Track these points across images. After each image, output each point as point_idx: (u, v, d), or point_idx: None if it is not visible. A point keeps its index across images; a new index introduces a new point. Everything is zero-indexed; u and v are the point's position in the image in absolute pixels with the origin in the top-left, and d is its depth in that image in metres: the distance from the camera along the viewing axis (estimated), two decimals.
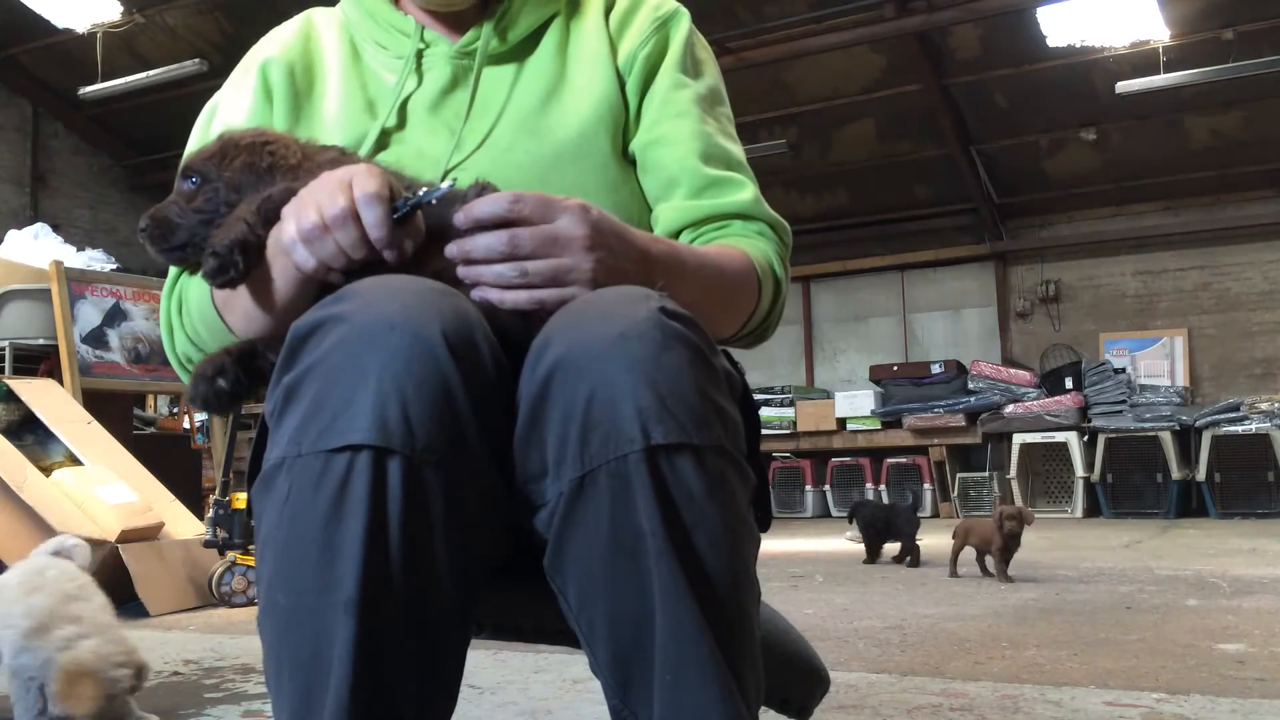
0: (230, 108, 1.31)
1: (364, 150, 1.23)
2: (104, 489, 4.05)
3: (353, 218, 0.96)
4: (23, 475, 3.93)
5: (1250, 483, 8.01)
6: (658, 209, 1.27)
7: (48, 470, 4.15)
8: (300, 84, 1.30)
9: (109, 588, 2.17)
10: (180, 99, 9.32)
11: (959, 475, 9.02)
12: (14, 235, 6.28)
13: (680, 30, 1.32)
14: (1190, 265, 9.72)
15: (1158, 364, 9.57)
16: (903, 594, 4.07)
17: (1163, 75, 8.17)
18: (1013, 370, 9.39)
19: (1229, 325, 9.55)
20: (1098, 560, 5.14)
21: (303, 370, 0.89)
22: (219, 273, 1.01)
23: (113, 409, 5.11)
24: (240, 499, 3.95)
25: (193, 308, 1.19)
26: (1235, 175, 9.35)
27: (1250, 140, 9.04)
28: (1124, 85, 8.27)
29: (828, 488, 9.39)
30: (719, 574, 0.87)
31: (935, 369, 9.45)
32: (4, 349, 5.26)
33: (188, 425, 6.97)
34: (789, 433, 9.65)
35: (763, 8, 8.58)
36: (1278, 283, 9.43)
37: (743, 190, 1.26)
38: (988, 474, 8.92)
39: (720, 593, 0.87)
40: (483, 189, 1.01)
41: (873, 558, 5.23)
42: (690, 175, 1.25)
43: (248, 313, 1.08)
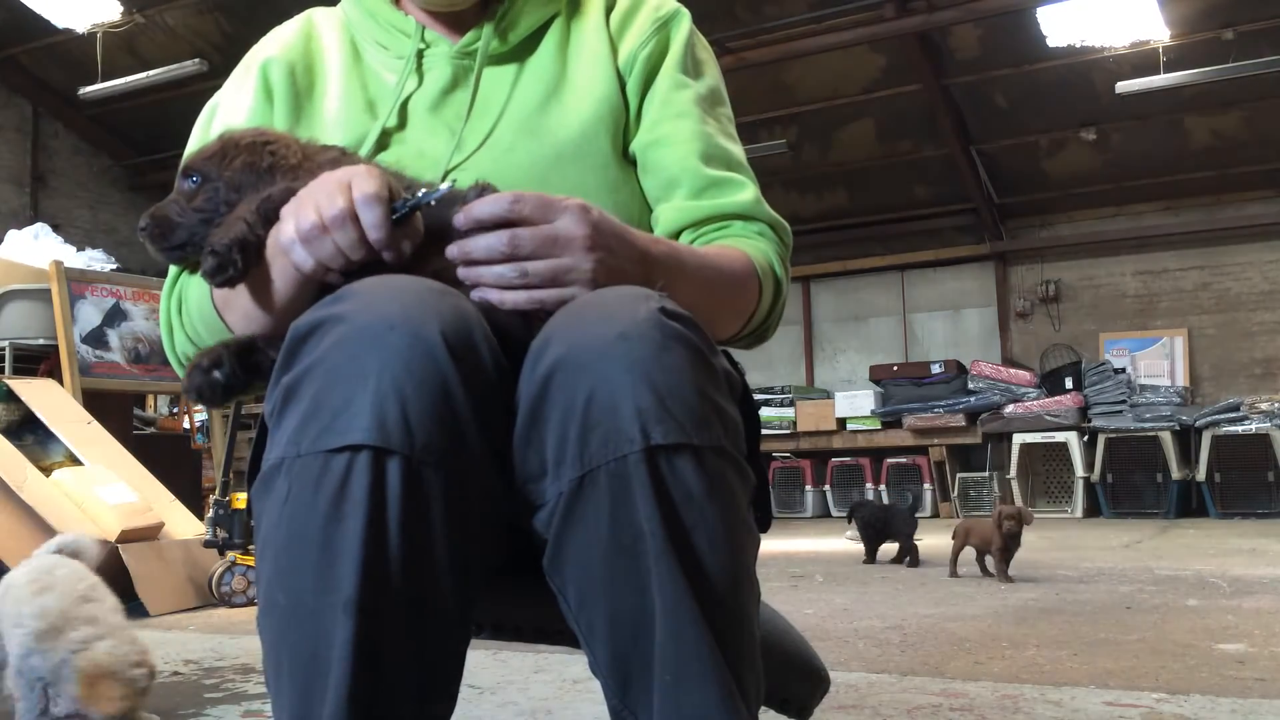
0: (231, 107, 1.31)
1: (364, 150, 1.23)
2: (104, 489, 4.05)
3: (351, 219, 0.96)
4: (23, 475, 3.92)
5: (1250, 483, 8.01)
6: (658, 209, 1.27)
7: (48, 470, 4.14)
8: (301, 84, 1.30)
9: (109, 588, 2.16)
10: (180, 99, 9.33)
11: (959, 475, 9.02)
12: (14, 235, 6.27)
13: (681, 31, 1.32)
14: (1190, 265, 9.72)
15: (1158, 364, 9.56)
16: (903, 594, 4.07)
17: (1163, 75, 8.17)
18: (1013, 370, 9.39)
19: (1229, 325, 9.55)
20: (1098, 560, 5.13)
21: (302, 370, 0.89)
22: (218, 272, 1.01)
23: (113, 409, 5.11)
24: (240, 499, 3.95)
25: (192, 307, 1.19)
26: (1235, 175, 9.35)
27: (1250, 140, 9.03)
28: (1124, 85, 8.26)
29: (828, 488, 9.39)
30: (719, 574, 0.87)
31: (935, 369, 9.45)
32: (4, 349, 5.26)
33: (188, 425, 6.97)
34: (789, 433, 9.65)
35: (763, 8, 8.58)
36: (1278, 283, 9.43)
37: (743, 191, 1.26)
38: (988, 474, 8.92)
39: (720, 593, 0.87)
40: (484, 190, 1.01)
41: (871, 558, 5.24)
42: (691, 176, 1.25)
43: (247, 312, 1.08)
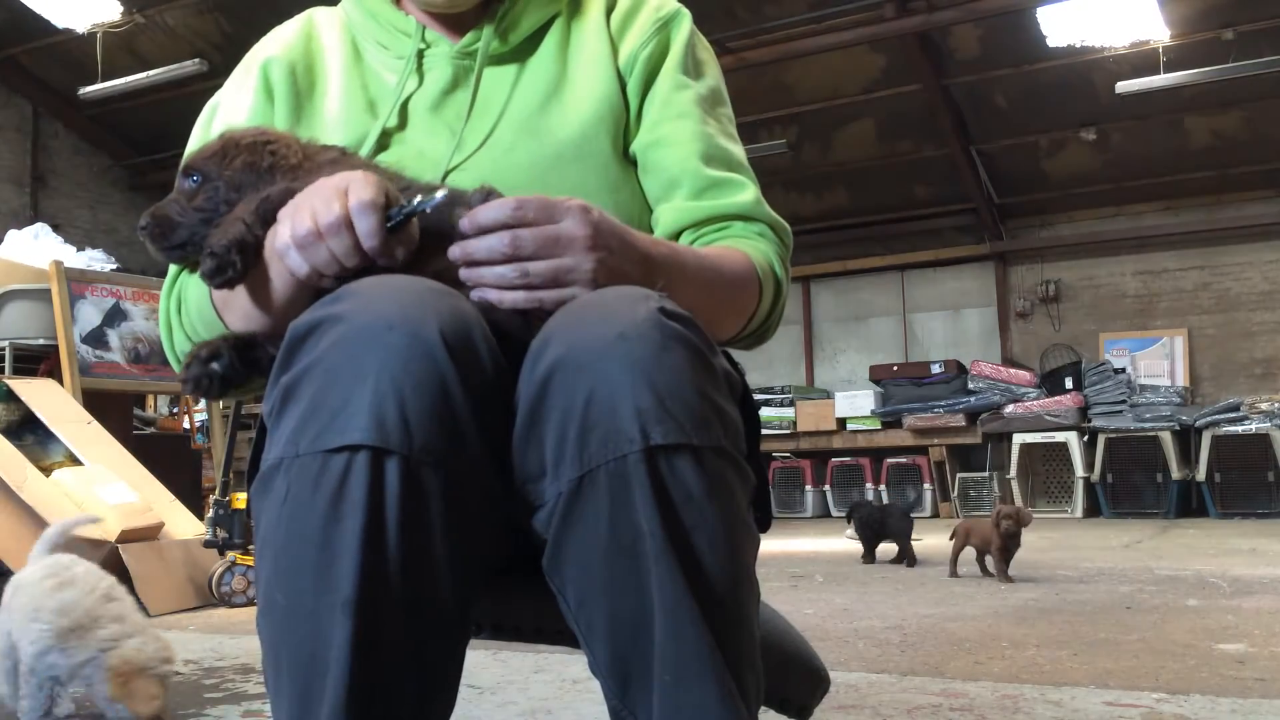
0: (231, 107, 1.31)
1: (365, 150, 1.23)
2: (104, 489, 4.05)
3: (346, 226, 0.96)
4: (23, 475, 3.92)
5: (1250, 483, 8.01)
6: (658, 210, 1.27)
7: (48, 470, 4.14)
8: (301, 84, 1.30)
9: None
10: (180, 99, 9.32)
11: (959, 475, 9.02)
12: (14, 235, 6.27)
13: (681, 31, 1.32)
14: (1190, 265, 9.71)
15: (1158, 364, 9.56)
16: (903, 594, 4.06)
17: (1163, 75, 8.17)
18: (1013, 370, 9.39)
19: (1229, 325, 9.54)
20: (1098, 560, 5.13)
21: (301, 370, 0.89)
22: (216, 273, 1.01)
23: (113, 409, 5.11)
24: (240, 499, 3.95)
25: (192, 307, 1.18)
26: (1235, 175, 9.34)
27: (1250, 140, 9.03)
28: (1124, 85, 8.26)
29: (828, 488, 9.39)
30: (718, 574, 0.87)
31: (935, 369, 9.44)
32: (4, 349, 5.26)
33: (188, 425, 6.97)
34: (789, 433, 9.65)
35: (763, 8, 8.57)
36: (1278, 283, 9.42)
37: (743, 191, 1.26)
38: (988, 474, 8.92)
39: (720, 593, 0.87)
40: (488, 194, 1.01)
41: (870, 558, 5.24)
42: (691, 176, 1.25)
43: (246, 312, 1.08)
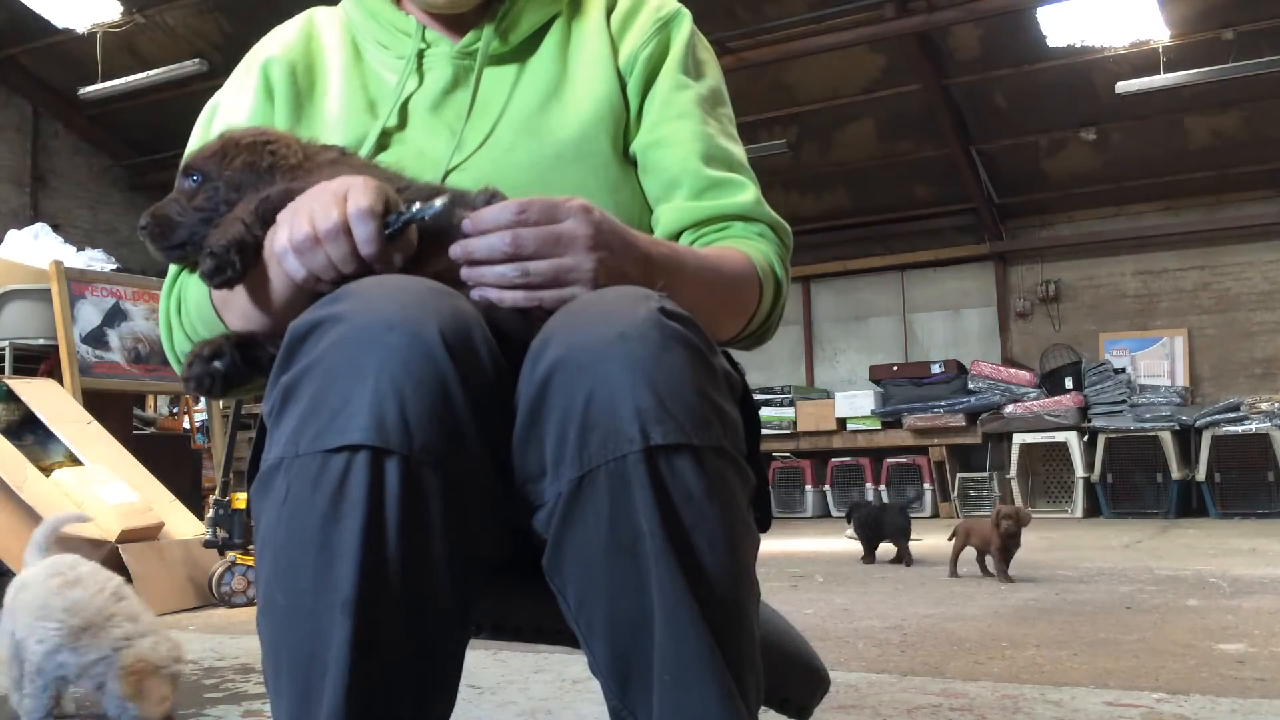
0: (231, 107, 1.31)
1: (364, 150, 1.23)
2: (104, 489, 4.05)
3: (344, 232, 0.96)
4: (23, 475, 3.92)
5: (1250, 483, 8.01)
6: (658, 210, 1.27)
7: (48, 470, 4.14)
8: (302, 83, 1.30)
9: None
10: (180, 99, 9.32)
11: (959, 475, 9.02)
12: (14, 235, 6.27)
13: (682, 31, 1.32)
14: (1190, 265, 9.71)
15: (1158, 364, 9.56)
16: (903, 594, 4.06)
17: (1163, 75, 8.17)
18: (1013, 370, 9.39)
19: (1229, 325, 9.55)
20: (1098, 560, 5.13)
21: (300, 370, 0.89)
22: (216, 273, 1.01)
23: (113, 409, 5.11)
24: (240, 499, 3.95)
25: (191, 307, 1.18)
26: (1235, 175, 9.34)
27: (1250, 140, 9.03)
28: (1124, 85, 8.26)
29: (828, 488, 9.39)
30: (718, 574, 0.87)
31: (935, 369, 9.45)
32: (4, 349, 5.26)
33: (188, 425, 6.97)
34: (789, 433, 9.65)
35: (763, 8, 8.57)
36: (1278, 283, 9.42)
37: (744, 192, 1.26)
38: (988, 474, 8.92)
39: (720, 593, 0.87)
40: (491, 196, 1.01)
41: (869, 558, 5.24)
42: (691, 176, 1.25)
43: (246, 312, 1.08)
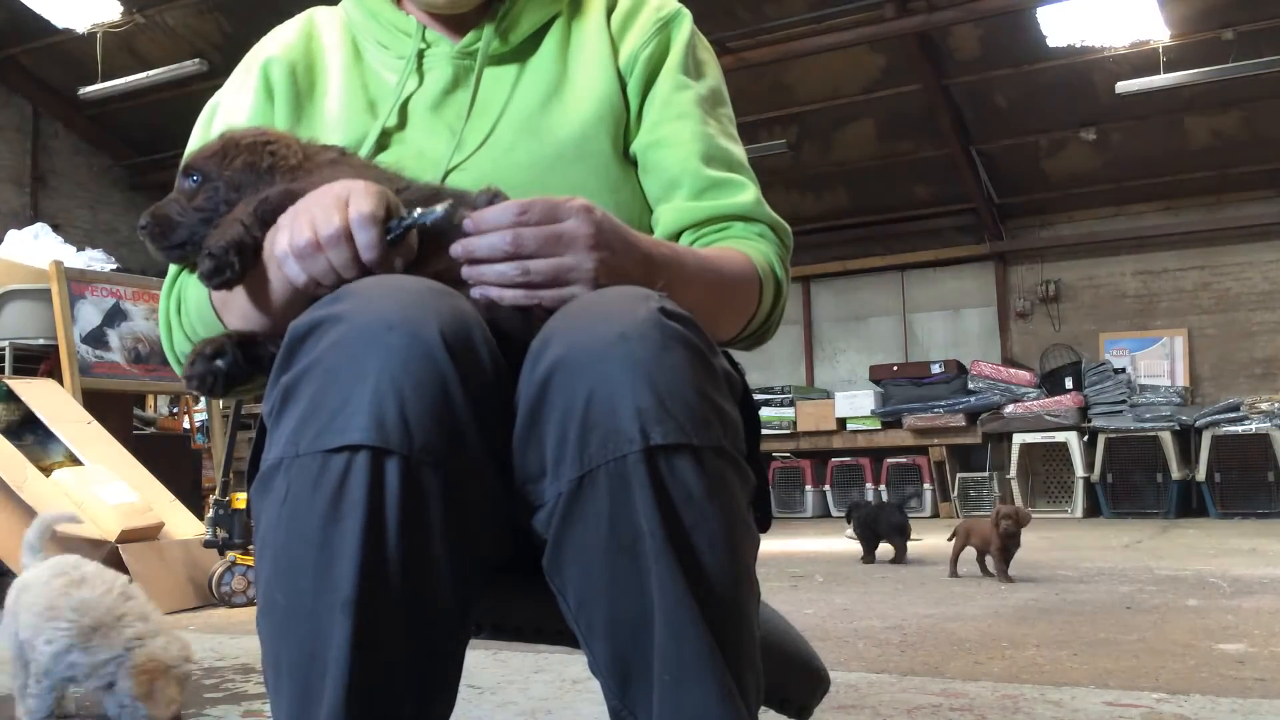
0: (232, 107, 1.31)
1: (364, 150, 1.22)
2: (104, 489, 4.05)
3: (346, 238, 0.95)
4: (23, 475, 3.92)
5: (1250, 483, 8.01)
6: (658, 210, 1.27)
7: (48, 470, 4.14)
8: (302, 83, 1.30)
9: None
10: (180, 99, 9.32)
11: (959, 475, 9.02)
12: (14, 235, 6.27)
13: (682, 31, 1.32)
14: (1190, 265, 9.71)
15: (1158, 364, 9.56)
16: (903, 594, 4.06)
17: (1163, 75, 8.17)
18: (1013, 370, 9.39)
19: (1229, 325, 9.55)
20: (1098, 560, 5.13)
21: (300, 370, 0.89)
22: (215, 274, 1.00)
23: (113, 409, 5.11)
24: (240, 499, 3.95)
25: (191, 307, 1.18)
26: (1235, 175, 9.35)
27: (1250, 140, 9.03)
28: (1124, 85, 8.26)
29: (828, 488, 9.39)
30: (718, 574, 0.87)
31: (935, 369, 9.45)
32: (4, 349, 5.26)
33: (188, 425, 6.97)
34: (789, 433, 9.65)
35: (763, 8, 8.57)
36: (1278, 283, 9.42)
37: (744, 192, 1.26)
38: (988, 474, 8.92)
39: (720, 593, 0.87)
40: (493, 197, 1.01)
41: (869, 557, 5.25)
42: (691, 177, 1.25)
43: (245, 313, 1.08)
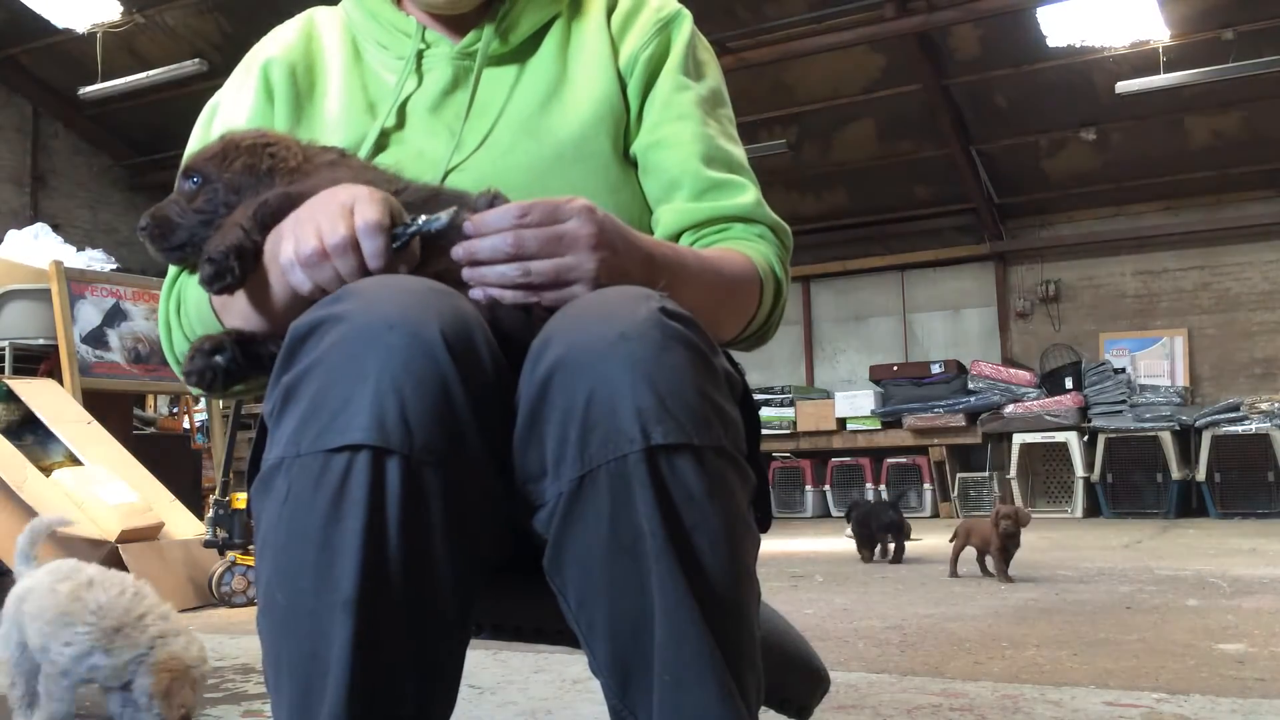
0: (231, 107, 1.31)
1: (364, 151, 1.22)
2: (104, 489, 4.05)
3: (353, 247, 0.95)
4: (23, 475, 3.92)
5: (1250, 483, 8.01)
6: (659, 211, 1.27)
7: (48, 470, 4.14)
8: (302, 84, 1.30)
9: None
10: (180, 99, 9.32)
11: (959, 475, 9.02)
12: (14, 235, 6.27)
13: (682, 32, 1.32)
14: (1190, 265, 9.71)
15: (1158, 364, 9.56)
16: (903, 594, 4.07)
17: (1163, 75, 8.17)
18: (1013, 370, 9.39)
19: (1229, 325, 9.55)
20: (1098, 560, 5.13)
21: (301, 370, 0.89)
22: (215, 279, 1.00)
23: (113, 409, 5.11)
24: (240, 499, 3.95)
25: (190, 308, 1.18)
26: (1235, 175, 9.35)
27: (1250, 140, 9.03)
28: (1124, 85, 8.26)
29: (828, 488, 9.39)
30: (719, 574, 0.87)
31: (935, 369, 9.45)
32: (4, 349, 5.26)
33: (188, 425, 6.97)
34: (789, 433, 9.65)
35: (763, 8, 8.58)
36: (1278, 283, 9.42)
37: (744, 193, 1.26)
38: (988, 474, 8.92)
39: (720, 593, 0.87)
40: (494, 198, 1.01)
41: (868, 557, 5.25)
42: (691, 178, 1.25)
43: (245, 315, 1.08)
